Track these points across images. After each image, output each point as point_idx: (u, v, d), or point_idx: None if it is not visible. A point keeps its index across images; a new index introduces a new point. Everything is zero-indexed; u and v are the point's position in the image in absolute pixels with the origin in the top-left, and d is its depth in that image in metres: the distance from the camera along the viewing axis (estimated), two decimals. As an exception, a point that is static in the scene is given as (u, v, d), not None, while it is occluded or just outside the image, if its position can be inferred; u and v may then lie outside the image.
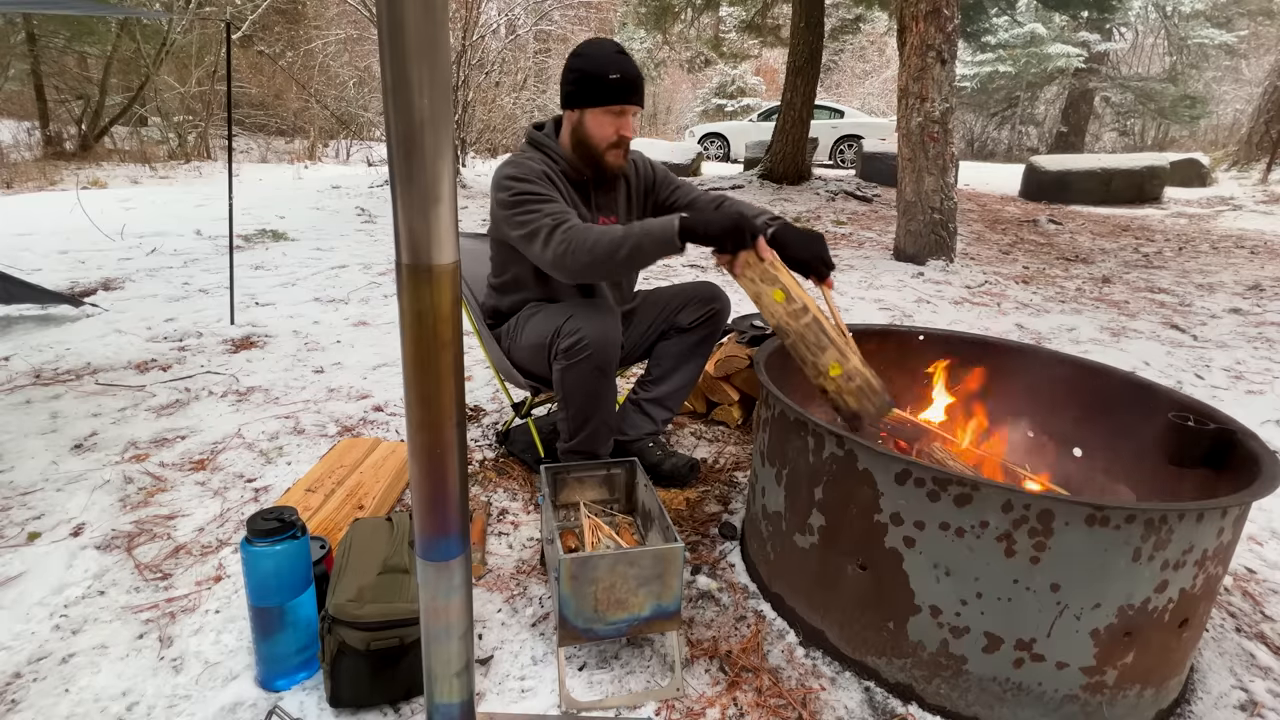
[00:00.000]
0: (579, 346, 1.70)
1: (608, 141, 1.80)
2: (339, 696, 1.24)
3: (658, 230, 1.57)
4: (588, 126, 1.79)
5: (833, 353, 1.47)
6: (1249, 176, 11.50)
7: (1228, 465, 1.41)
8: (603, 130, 1.79)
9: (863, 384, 1.48)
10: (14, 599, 1.51)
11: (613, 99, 1.75)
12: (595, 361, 1.72)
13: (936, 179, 5.16)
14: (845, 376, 1.47)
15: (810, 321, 1.46)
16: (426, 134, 0.71)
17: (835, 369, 1.47)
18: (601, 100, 1.76)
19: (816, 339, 1.47)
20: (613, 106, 1.76)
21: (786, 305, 1.46)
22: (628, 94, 1.76)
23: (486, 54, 10.57)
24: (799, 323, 1.46)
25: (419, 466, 0.86)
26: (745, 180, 9.45)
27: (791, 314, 1.47)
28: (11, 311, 3.30)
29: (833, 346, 1.47)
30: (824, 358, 1.47)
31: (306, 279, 4.37)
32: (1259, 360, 3.57)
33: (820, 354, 1.47)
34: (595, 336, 1.70)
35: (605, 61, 1.74)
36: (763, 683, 1.36)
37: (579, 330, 1.70)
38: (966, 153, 19.45)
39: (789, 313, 1.47)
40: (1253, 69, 18.71)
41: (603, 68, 1.74)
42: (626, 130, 1.80)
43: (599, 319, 1.73)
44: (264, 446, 2.22)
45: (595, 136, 1.79)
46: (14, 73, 11.46)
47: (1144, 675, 1.25)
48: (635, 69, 1.77)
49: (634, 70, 1.76)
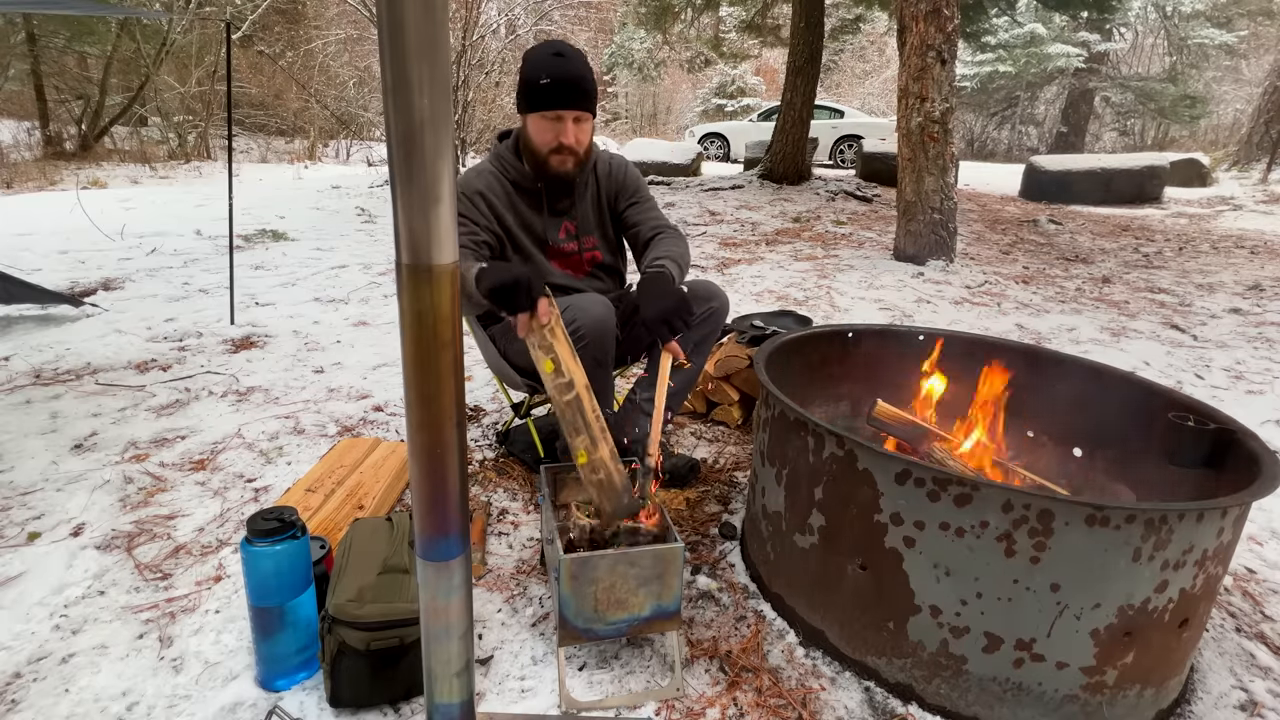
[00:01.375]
0: (576, 337, 1.68)
1: (548, 147, 1.77)
2: (339, 696, 1.24)
3: (472, 278, 1.49)
4: (529, 132, 1.78)
5: (584, 439, 1.38)
6: (1249, 176, 11.50)
7: (1228, 465, 1.41)
8: (542, 136, 1.76)
9: (604, 478, 1.40)
10: (14, 599, 1.51)
11: (546, 104, 1.71)
12: (591, 353, 1.68)
13: (936, 179, 5.15)
14: (590, 467, 1.39)
15: (572, 400, 1.36)
16: (426, 134, 0.71)
17: (582, 457, 1.38)
18: (536, 105, 1.72)
19: (573, 420, 1.38)
20: (548, 112, 1.72)
21: (554, 378, 1.36)
22: (562, 99, 1.70)
23: (486, 54, 10.58)
24: (562, 398, 1.37)
25: (419, 466, 0.86)
26: (745, 180, 9.45)
27: (557, 387, 1.36)
28: (11, 311, 3.30)
29: (585, 433, 1.38)
30: (575, 441, 1.38)
31: (306, 279, 4.37)
32: (1259, 360, 3.57)
33: (574, 436, 1.38)
34: (591, 326, 1.66)
35: (539, 65, 1.69)
36: (763, 683, 1.36)
37: (575, 320, 1.66)
38: (966, 153, 19.46)
39: (555, 386, 1.36)
40: (1253, 69, 18.72)
41: (535, 71, 1.69)
42: (566, 136, 1.75)
43: (595, 310, 1.69)
44: (264, 446, 2.22)
45: (536, 142, 1.77)
46: (14, 73, 11.47)
47: (1144, 675, 1.25)
48: (574, 70, 1.69)
49: (571, 72, 1.69)
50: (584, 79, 1.72)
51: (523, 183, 1.85)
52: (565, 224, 1.93)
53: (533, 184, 1.86)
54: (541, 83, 1.69)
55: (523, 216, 1.88)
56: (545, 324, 1.35)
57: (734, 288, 4.43)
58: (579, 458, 1.38)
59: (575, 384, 1.36)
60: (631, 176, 2.02)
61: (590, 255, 1.99)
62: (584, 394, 1.38)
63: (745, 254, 5.59)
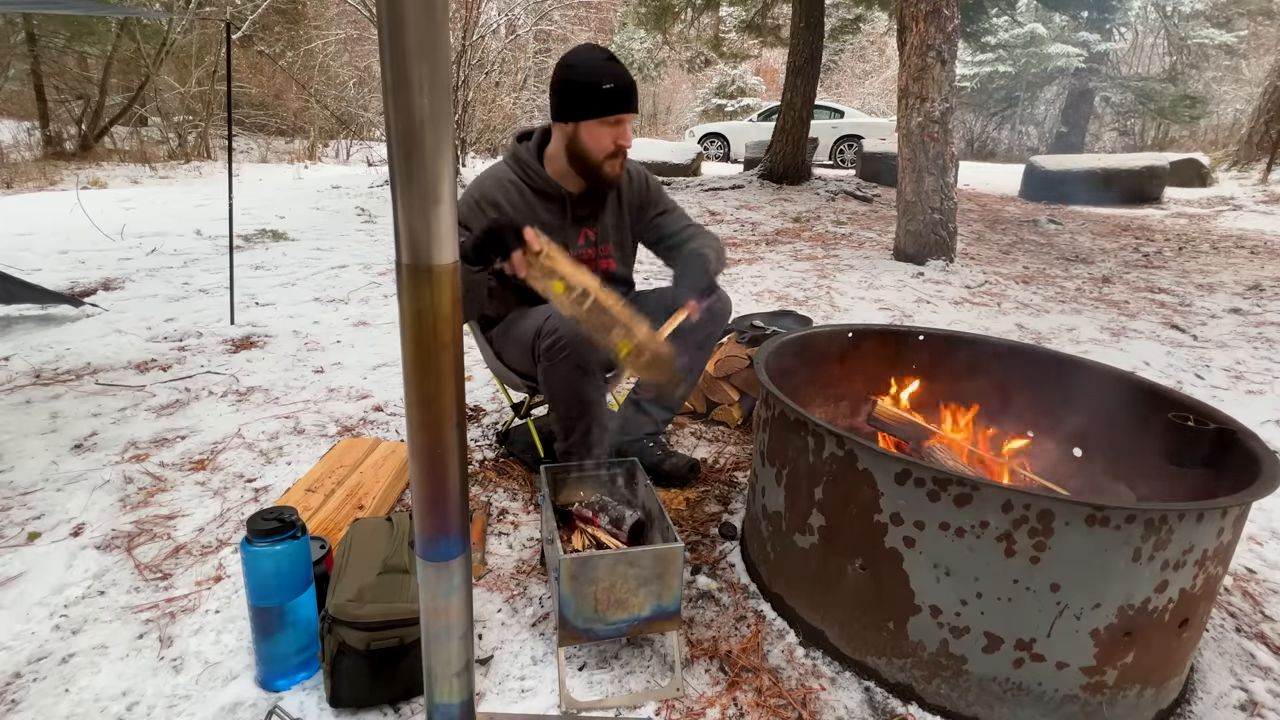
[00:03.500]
0: (558, 346, 1.69)
1: (605, 153, 1.76)
2: (339, 696, 1.24)
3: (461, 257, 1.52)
4: (584, 139, 1.75)
5: (619, 332, 1.42)
6: (1249, 176, 11.48)
7: (1228, 465, 1.41)
8: (600, 142, 1.75)
9: (651, 357, 1.43)
10: (14, 599, 1.51)
11: (609, 109, 1.71)
12: (574, 360, 1.70)
13: (936, 179, 5.15)
14: (635, 353, 1.42)
15: (591, 304, 1.40)
16: (426, 134, 0.71)
17: (624, 346, 1.42)
18: (597, 111, 1.71)
19: (601, 320, 1.41)
20: (609, 117, 1.72)
21: (568, 295, 1.41)
22: (623, 102, 1.72)
23: (486, 54, 10.58)
24: (582, 309, 1.41)
25: (419, 466, 0.86)
26: (745, 180, 9.45)
27: (575, 301, 1.41)
28: (11, 311, 3.30)
29: (617, 326, 1.42)
30: (611, 338, 1.42)
31: (306, 279, 4.37)
32: (1259, 360, 3.57)
33: (607, 335, 1.42)
34: (571, 334, 1.67)
35: (598, 70, 1.70)
36: (763, 683, 1.36)
37: (556, 329, 1.68)
38: (966, 153, 19.43)
39: (572, 300, 1.41)
40: (1253, 69, 18.70)
41: (596, 77, 1.69)
42: (624, 139, 1.77)
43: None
44: (264, 446, 2.22)
45: (592, 149, 1.76)
46: (14, 73, 11.47)
47: (1144, 675, 1.25)
48: (628, 75, 1.73)
49: (628, 77, 1.72)
50: (634, 81, 1.76)
51: (547, 190, 1.84)
52: (586, 231, 1.93)
53: (557, 191, 1.84)
54: (605, 88, 1.69)
55: (544, 225, 1.83)
56: (539, 250, 1.40)
57: (734, 288, 4.43)
58: (621, 350, 1.41)
59: (589, 289, 1.39)
60: (654, 186, 2.03)
61: (604, 264, 1.98)
62: (600, 294, 1.41)
63: (745, 254, 5.59)
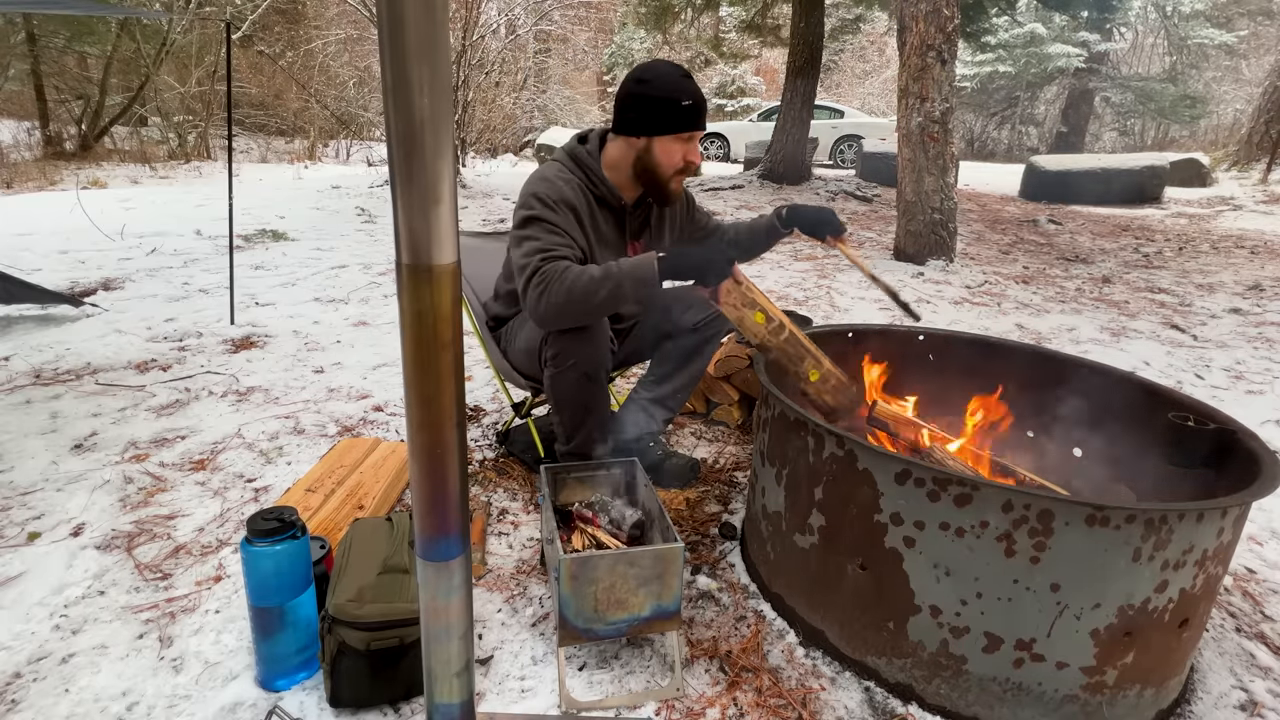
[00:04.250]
0: (566, 353, 1.70)
1: (675, 169, 1.75)
2: (339, 696, 1.24)
3: (638, 270, 1.55)
4: (656, 154, 1.73)
5: (810, 361, 1.65)
6: (1249, 176, 11.49)
7: (1228, 465, 1.41)
8: (672, 158, 1.73)
9: (836, 383, 1.68)
10: (14, 599, 1.51)
11: (685, 125, 1.71)
12: (582, 369, 1.71)
13: (936, 179, 5.15)
14: (822, 379, 1.67)
15: (788, 336, 1.63)
16: (426, 134, 0.71)
17: (814, 374, 1.66)
18: (674, 127, 1.70)
19: (795, 350, 1.64)
20: (683, 134, 1.72)
21: (767, 325, 1.62)
22: (698, 120, 1.72)
23: (486, 54, 10.57)
24: (779, 339, 1.63)
25: (419, 466, 0.86)
26: (745, 180, 9.45)
27: (772, 331, 1.62)
28: (11, 311, 3.30)
29: (809, 355, 1.65)
30: (803, 366, 1.65)
31: (306, 279, 4.37)
32: (1259, 360, 3.57)
33: (800, 364, 1.65)
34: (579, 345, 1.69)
35: (676, 87, 1.69)
36: (763, 683, 1.36)
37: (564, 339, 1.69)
38: (966, 153, 19.43)
39: (769, 331, 1.62)
40: (1253, 69, 18.71)
41: (674, 93, 1.68)
42: (694, 156, 1.76)
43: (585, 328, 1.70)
44: (264, 446, 2.22)
45: (663, 164, 1.74)
46: (14, 73, 11.46)
47: (1144, 675, 1.25)
48: (701, 93, 1.73)
49: (701, 94, 1.73)
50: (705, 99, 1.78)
51: (608, 199, 1.81)
52: (635, 245, 1.92)
53: (617, 200, 1.82)
54: (684, 104, 1.69)
55: (602, 235, 1.82)
56: (743, 284, 1.59)
57: (734, 288, 4.42)
58: (811, 377, 1.66)
59: (784, 323, 1.62)
60: (697, 205, 2.06)
61: None
62: (793, 327, 1.64)
63: (745, 254, 5.58)
